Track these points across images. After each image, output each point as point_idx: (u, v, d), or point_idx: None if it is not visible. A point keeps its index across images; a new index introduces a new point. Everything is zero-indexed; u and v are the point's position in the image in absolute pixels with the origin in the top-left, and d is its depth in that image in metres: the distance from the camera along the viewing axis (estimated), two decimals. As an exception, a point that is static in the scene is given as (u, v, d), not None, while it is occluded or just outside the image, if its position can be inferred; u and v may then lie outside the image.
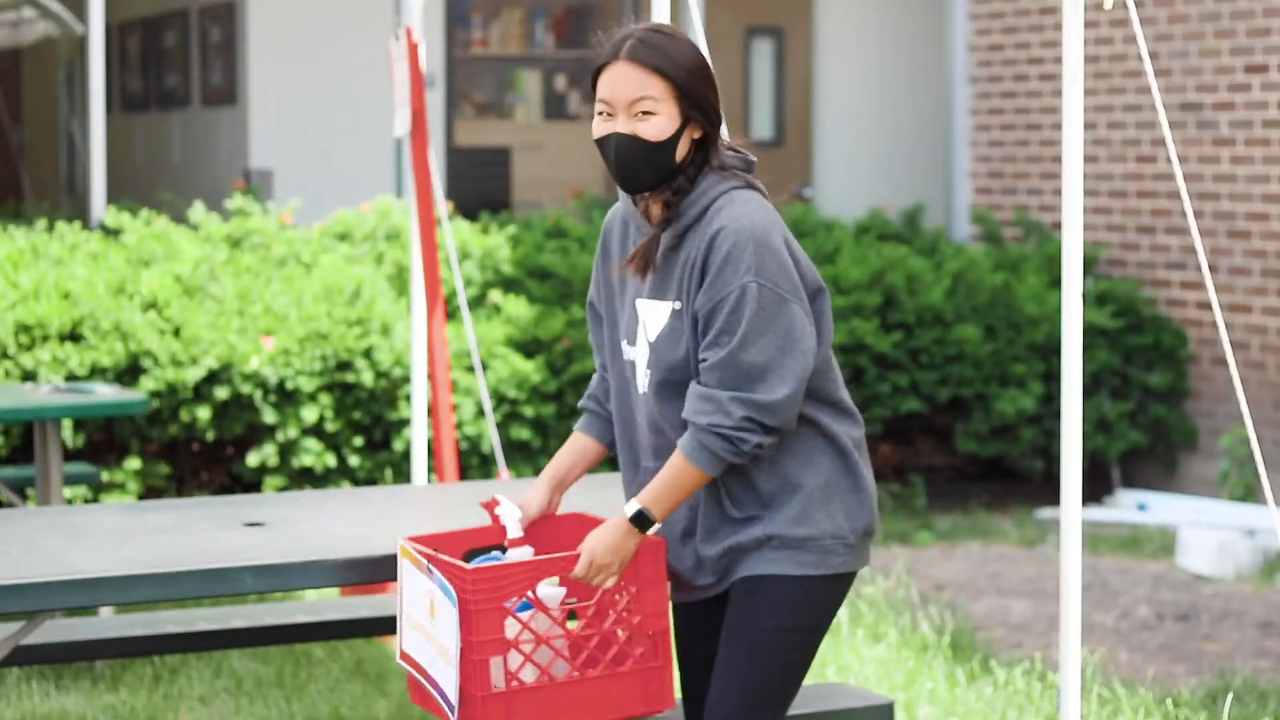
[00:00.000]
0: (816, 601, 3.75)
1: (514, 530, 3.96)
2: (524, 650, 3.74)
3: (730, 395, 3.63)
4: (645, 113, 3.71)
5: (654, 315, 3.77)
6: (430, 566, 3.81)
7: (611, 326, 3.92)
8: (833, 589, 3.77)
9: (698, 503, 3.79)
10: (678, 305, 3.74)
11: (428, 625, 3.83)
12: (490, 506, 4.00)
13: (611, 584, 3.74)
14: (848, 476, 3.77)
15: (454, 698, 3.74)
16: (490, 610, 3.71)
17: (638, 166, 3.72)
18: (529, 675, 3.76)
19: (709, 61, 3.80)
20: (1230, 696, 6.07)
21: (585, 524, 4.01)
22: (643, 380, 3.81)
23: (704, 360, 3.67)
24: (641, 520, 3.71)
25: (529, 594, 3.76)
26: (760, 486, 3.74)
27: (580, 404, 4.09)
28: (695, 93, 3.73)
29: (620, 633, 3.82)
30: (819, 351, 3.74)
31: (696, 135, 3.76)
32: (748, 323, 3.62)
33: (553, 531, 4.04)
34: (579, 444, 4.03)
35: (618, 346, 3.89)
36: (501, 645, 3.73)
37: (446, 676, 3.77)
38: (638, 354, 3.82)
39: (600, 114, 3.76)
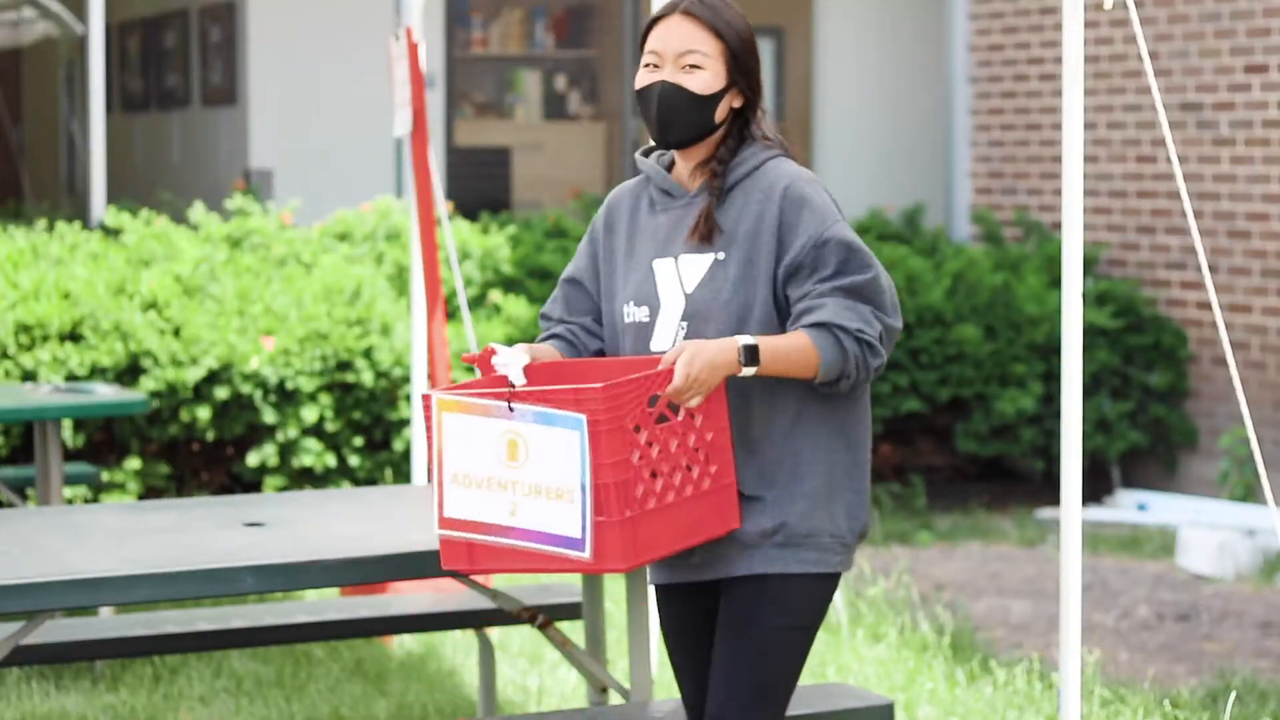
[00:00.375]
0: (816, 599, 3.77)
1: (517, 378, 3.73)
2: (643, 474, 3.59)
3: (873, 310, 3.71)
4: (693, 66, 3.77)
5: (691, 268, 3.77)
6: (511, 404, 3.60)
7: (609, 298, 3.90)
8: (827, 588, 3.78)
9: None
10: (721, 256, 3.75)
11: (503, 471, 3.61)
12: (484, 359, 3.76)
13: (696, 403, 3.64)
14: (853, 476, 3.79)
15: (583, 534, 3.57)
16: (617, 430, 3.55)
17: (678, 116, 3.77)
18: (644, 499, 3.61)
19: (751, 32, 3.86)
20: (1233, 696, 6.07)
21: (588, 367, 3.86)
22: (664, 336, 3.78)
23: (832, 287, 3.69)
24: (749, 354, 3.64)
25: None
26: (767, 464, 3.73)
27: (547, 329, 3.98)
28: (743, 59, 3.81)
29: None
30: None
31: (737, 104, 3.82)
32: (864, 256, 3.72)
33: (553, 380, 3.83)
34: (549, 349, 3.92)
35: (616, 316, 3.87)
36: (627, 467, 3.57)
37: (562, 514, 3.57)
38: (662, 312, 3.79)
39: (647, 65, 3.81)
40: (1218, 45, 9.83)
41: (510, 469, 3.62)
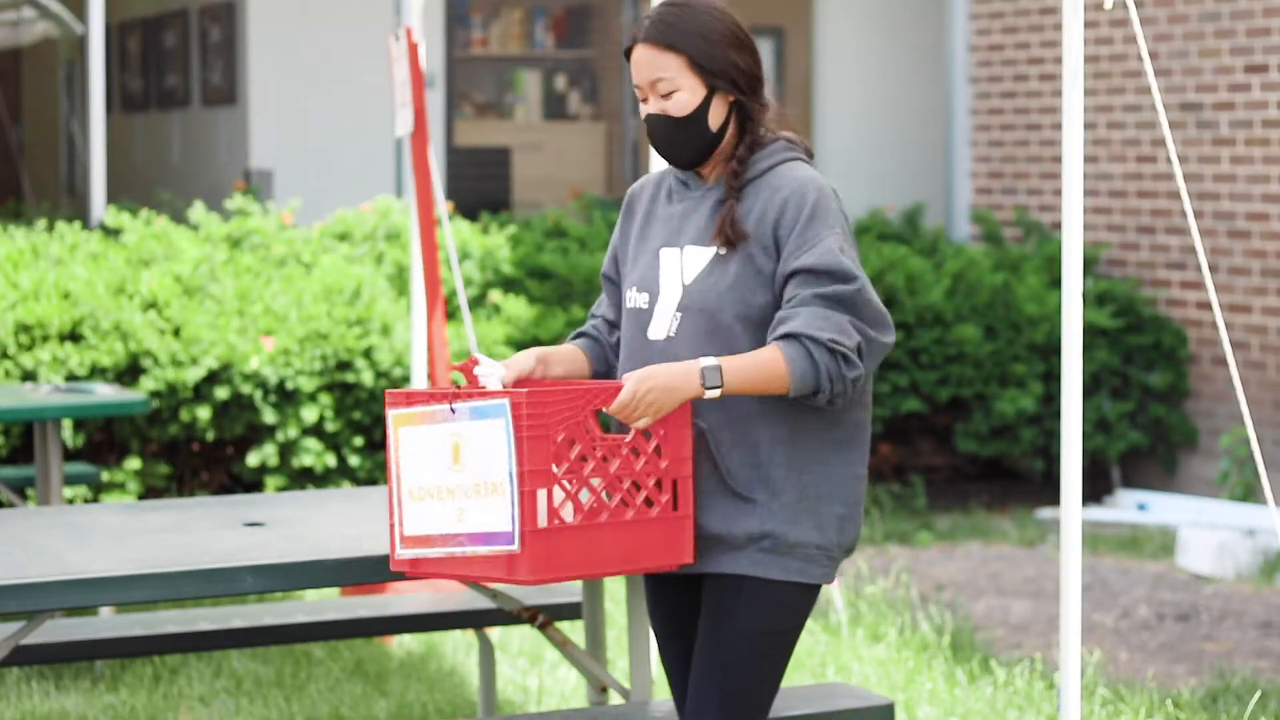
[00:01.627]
0: (794, 608, 3.75)
1: (495, 388, 3.73)
2: (566, 486, 3.59)
3: (850, 320, 3.68)
4: (668, 92, 3.77)
5: (694, 260, 3.77)
6: (452, 406, 3.62)
7: (622, 282, 3.95)
8: (807, 598, 3.77)
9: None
10: (723, 252, 3.74)
11: (450, 477, 3.62)
12: (468, 367, 3.77)
13: (644, 424, 3.62)
14: (848, 489, 3.77)
15: (512, 526, 3.56)
16: (540, 438, 3.55)
17: (673, 143, 3.78)
18: (568, 514, 3.61)
19: (738, 24, 3.80)
20: (1258, 695, 6.07)
21: (579, 389, 3.80)
22: (660, 325, 3.78)
23: (813, 294, 3.67)
24: (711, 376, 3.62)
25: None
26: (762, 466, 3.72)
27: (584, 326, 4.04)
28: (714, 60, 3.76)
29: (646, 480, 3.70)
30: None
31: (732, 99, 3.79)
32: (853, 266, 3.71)
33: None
34: (571, 349, 3.97)
35: (623, 300, 3.91)
36: (548, 477, 3.57)
37: (497, 509, 3.57)
38: (660, 300, 3.80)
39: (640, 99, 3.84)
40: (1218, 45, 9.83)
41: (455, 473, 3.62)
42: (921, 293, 9.52)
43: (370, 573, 4.13)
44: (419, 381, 7.01)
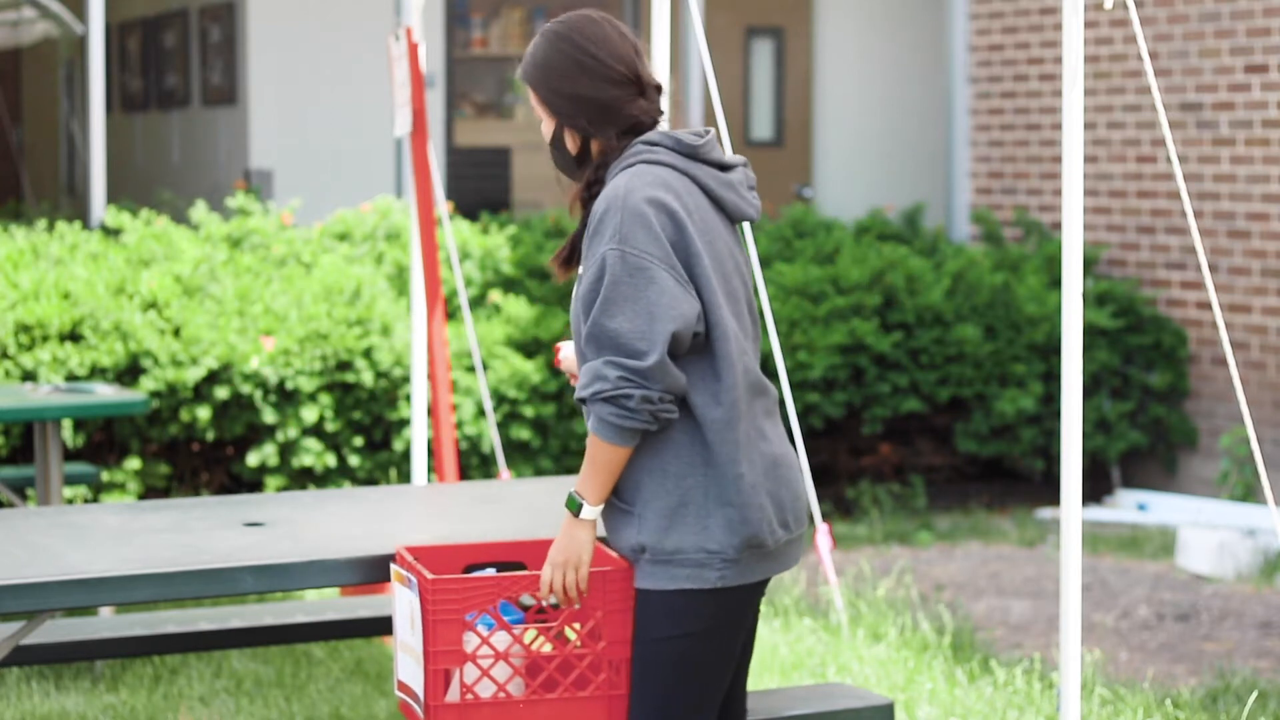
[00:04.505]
0: (696, 612, 3.73)
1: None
2: (481, 665, 3.75)
3: (603, 360, 3.66)
4: (540, 119, 3.89)
5: (577, 286, 3.84)
6: (410, 577, 3.83)
7: None
8: (719, 600, 3.73)
9: None
10: (579, 275, 3.82)
11: (411, 640, 3.84)
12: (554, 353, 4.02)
13: (581, 582, 3.73)
14: (723, 491, 3.72)
15: (421, 692, 3.78)
16: (450, 621, 3.73)
17: (555, 164, 3.92)
18: (485, 691, 3.77)
19: (595, 52, 3.80)
20: (1256, 695, 6.07)
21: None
22: (568, 351, 4.01)
23: (585, 336, 3.71)
24: (574, 506, 3.73)
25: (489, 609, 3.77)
26: (627, 477, 3.75)
27: None
28: (553, 95, 3.83)
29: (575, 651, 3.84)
30: (709, 346, 3.72)
31: (576, 131, 3.84)
32: (608, 289, 3.65)
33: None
34: None
35: None
36: (458, 657, 3.75)
37: (418, 673, 3.80)
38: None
39: None
40: (1218, 45, 9.83)
41: (411, 638, 3.84)
42: (921, 293, 9.52)
43: (370, 573, 4.13)
44: (419, 381, 7.00)
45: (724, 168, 3.86)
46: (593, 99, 3.79)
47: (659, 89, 3.87)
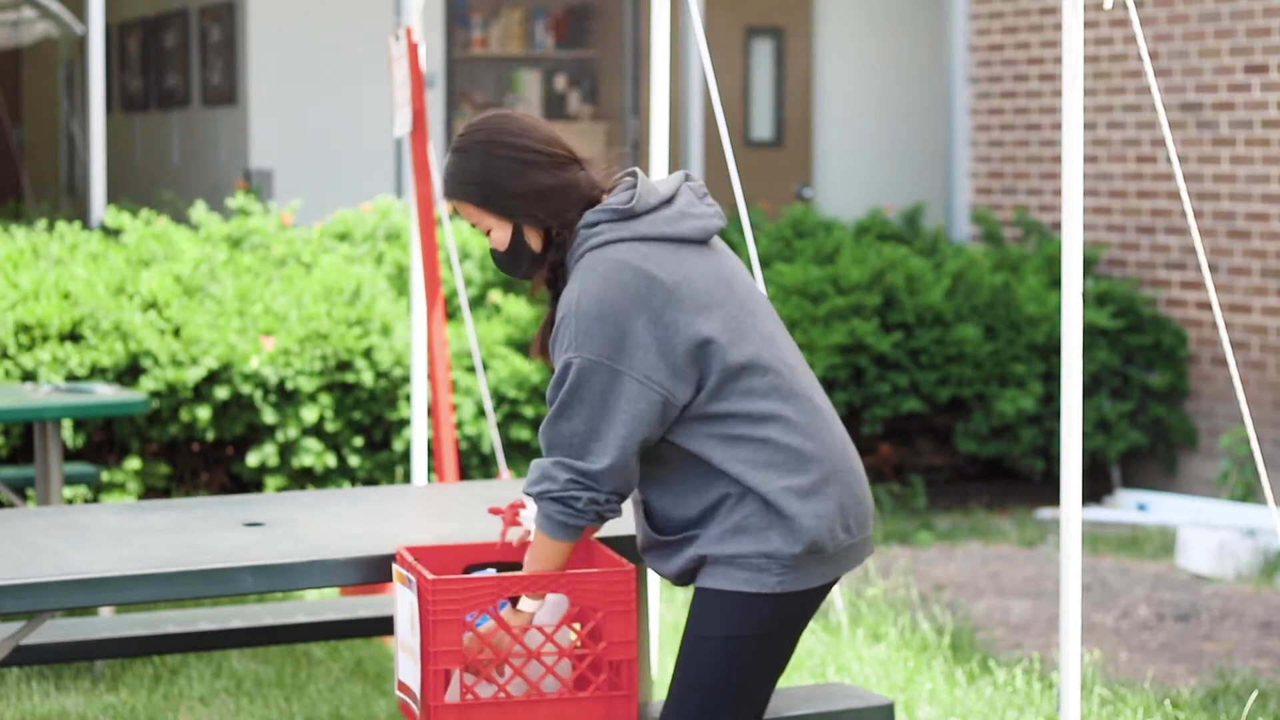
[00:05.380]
0: (754, 615, 3.75)
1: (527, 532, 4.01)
2: (481, 665, 3.77)
3: (553, 461, 3.70)
4: (487, 230, 3.84)
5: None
6: (410, 577, 3.84)
7: None
8: (776, 605, 3.75)
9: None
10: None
11: (411, 641, 3.85)
12: (513, 510, 4.03)
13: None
14: (769, 510, 3.73)
15: (418, 690, 3.80)
16: (450, 622, 3.74)
17: (511, 270, 3.88)
18: (485, 691, 3.78)
19: (528, 144, 3.80)
20: (1255, 695, 6.06)
21: (593, 551, 4.02)
22: None
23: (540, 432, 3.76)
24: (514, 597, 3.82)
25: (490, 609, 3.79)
26: (696, 518, 3.77)
27: None
28: (497, 197, 3.79)
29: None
30: (707, 397, 3.71)
31: (538, 229, 3.82)
32: (564, 394, 3.68)
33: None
34: None
35: None
36: (458, 658, 3.76)
37: (415, 671, 3.81)
38: None
39: None
40: (1217, 45, 9.83)
41: (411, 638, 3.85)
42: (921, 293, 9.52)
43: (370, 573, 4.13)
44: (419, 381, 7.00)
45: (667, 202, 3.82)
46: (544, 188, 3.79)
47: (590, 160, 3.89)
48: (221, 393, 8.11)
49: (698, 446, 3.73)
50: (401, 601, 3.90)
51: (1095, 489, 9.97)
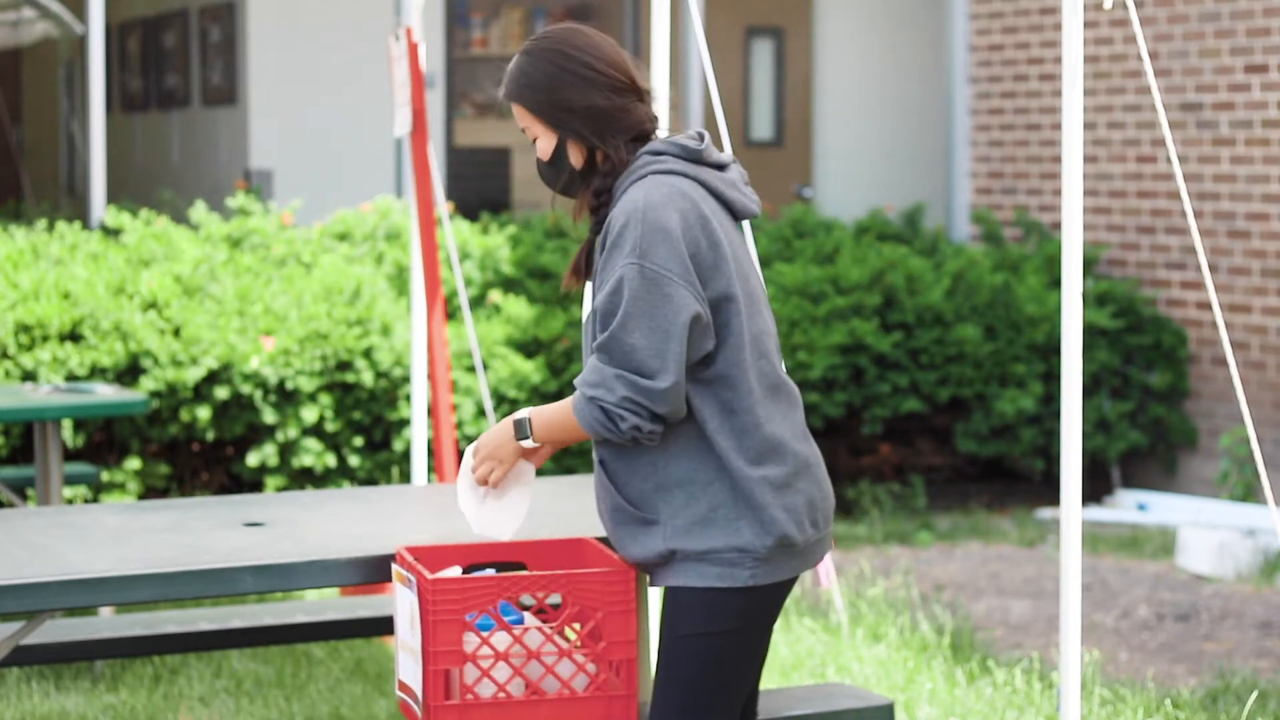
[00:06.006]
0: (727, 609, 3.74)
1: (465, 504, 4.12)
2: (482, 665, 3.77)
3: (616, 372, 3.66)
4: (533, 138, 3.85)
5: (587, 302, 3.88)
6: (410, 576, 3.84)
7: None
8: (749, 598, 3.75)
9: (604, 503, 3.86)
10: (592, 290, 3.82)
11: (411, 640, 3.85)
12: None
13: (495, 477, 3.87)
14: (752, 496, 3.72)
15: (420, 690, 3.80)
16: (450, 622, 3.74)
17: (550, 182, 3.87)
18: (485, 691, 3.78)
19: (593, 61, 3.79)
20: (1256, 695, 6.06)
21: (584, 549, 4.02)
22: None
23: (600, 341, 3.70)
24: (521, 428, 3.82)
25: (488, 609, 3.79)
26: (648, 488, 3.77)
27: None
28: (553, 109, 3.80)
29: (580, 656, 3.85)
30: (722, 356, 3.72)
31: (581, 148, 3.82)
32: (627, 303, 3.64)
33: (550, 554, 4.06)
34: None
35: None
36: (458, 658, 3.76)
37: (417, 671, 3.81)
38: (585, 341, 3.88)
39: None
40: (1217, 45, 9.83)
41: (411, 637, 3.85)
42: (921, 293, 9.52)
43: (370, 573, 4.13)
44: (419, 381, 7.00)
45: (721, 167, 3.87)
46: (598, 108, 3.78)
47: (652, 94, 3.87)
48: (221, 393, 8.11)
49: (699, 403, 3.73)
50: (401, 601, 3.90)
51: (1095, 489, 9.97)
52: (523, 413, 3.82)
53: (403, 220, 9.18)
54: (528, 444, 3.81)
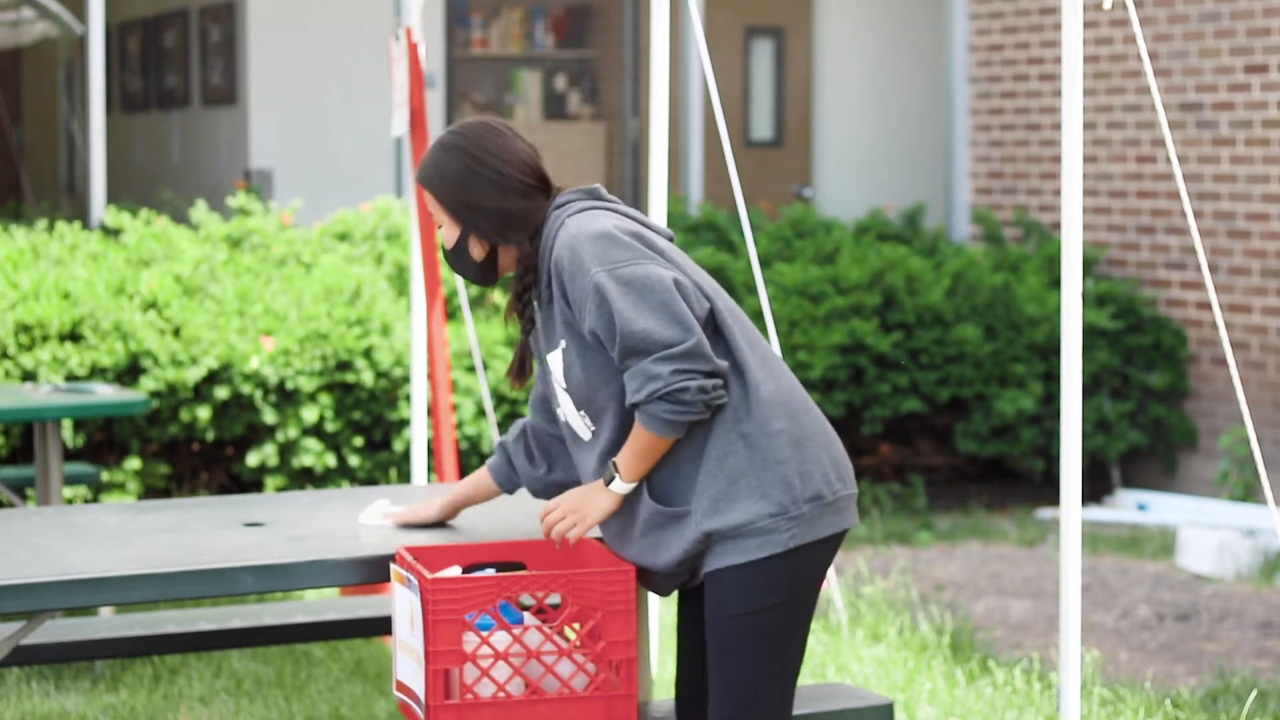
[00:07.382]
0: (774, 579, 3.75)
1: (368, 518, 4.31)
2: (481, 665, 3.77)
3: (649, 361, 3.68)
4: (439, 224, 3.91)
5: (556, 362, 3.87)
6: (410, 577, 3.85)
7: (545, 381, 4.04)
8: (792, 563, 3.75)
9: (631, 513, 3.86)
10: (564, 344, 3.83)
11: (411, 640, 3.85)
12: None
13: (574, 535, 3.84)
14: (767, 459, 3.75)
15: (422, 693, 3.80)
16: (450, 621, 3.75)
17: (457, 270, 3.94)
18: (485, 690, 3.78)
19: (504, 163, 3.85)
20: (1254, 695, 6.06)
21: (584, 548, 4.02)
22: (579, 429, 3.92)
23: (619, 354, 3.73)
24: (610, 475, 3.80)
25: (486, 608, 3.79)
26: (666, 481, 3.79)
27: (497, 440, 4.26)
28: (457, 204, 3.86)
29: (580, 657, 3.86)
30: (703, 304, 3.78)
31: (483, 240, 3.89)
32: (617, 304, 3.69)
33: (549, 553, 4.06)
34: (481, 478, 4.26)
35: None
36: (458, 657, 3.76)
37: (419, 673, 3.81)
38: (562, 406, 3.92)
39: None
40: (1217, 45, 9.83)
41: (411, 638, 3.86)
42: (921, 293, 9.52)
43: (370, 573, 4.13)
44: (419, 381, 7.00)
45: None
46: (505, 211, 3.85)
47: (557, 187, 3.93)
48: (221, 393, 8.11)
49: None
50: (401, 601, 3.90)
51: (1095, 489, 9.97)
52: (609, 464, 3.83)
53: (403, 220, 9.19)
54: (620, 487, 3.79)
